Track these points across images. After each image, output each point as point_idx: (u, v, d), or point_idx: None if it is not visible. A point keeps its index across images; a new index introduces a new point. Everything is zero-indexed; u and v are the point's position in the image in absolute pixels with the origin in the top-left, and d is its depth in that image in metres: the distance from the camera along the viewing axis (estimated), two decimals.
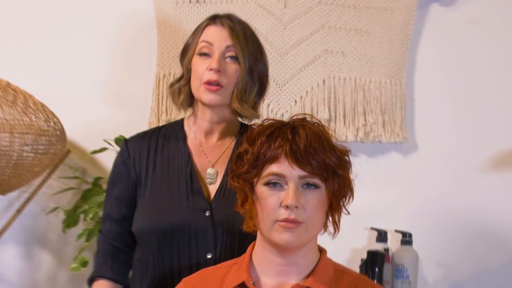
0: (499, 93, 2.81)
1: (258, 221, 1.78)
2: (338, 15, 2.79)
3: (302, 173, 1.73)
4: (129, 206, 2.13)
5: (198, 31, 2.14)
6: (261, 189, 1.76)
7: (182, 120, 2.21)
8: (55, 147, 2.54)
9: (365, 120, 2.76)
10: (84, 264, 2.62)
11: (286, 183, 1.73)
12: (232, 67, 2.10)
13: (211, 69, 2.07)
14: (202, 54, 2.11)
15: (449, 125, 2.81)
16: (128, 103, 2.81)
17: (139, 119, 2.76)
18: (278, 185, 1.74)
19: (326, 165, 1.74)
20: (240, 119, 2.20)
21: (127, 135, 2.60)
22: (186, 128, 2.17)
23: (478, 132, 2.80)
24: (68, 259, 2.76)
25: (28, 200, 2.71)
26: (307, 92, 2.76)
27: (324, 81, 2.76)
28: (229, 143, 2.15)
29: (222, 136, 2.15)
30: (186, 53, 2.15)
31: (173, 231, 2.03)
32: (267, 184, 1.75)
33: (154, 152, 2.15)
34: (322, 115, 2.74)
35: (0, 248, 2.77)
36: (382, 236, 2.64)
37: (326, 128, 1.82)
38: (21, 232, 2.78)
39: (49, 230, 2.80)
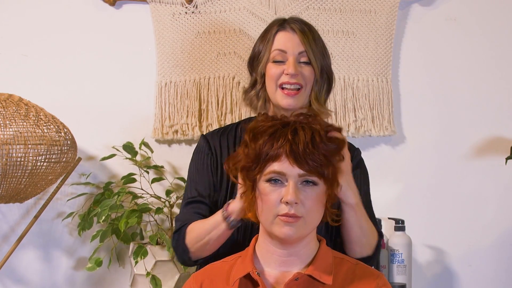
0: (478, 84, 2.85)
1: (260, 214, 1.84)
2: (325, 18, 2.80)
3: (301, 171, 1.79)
4: (212, 191, 2.14)
5: (269, 38, 2.16)
6: (263, 185, 1.82)
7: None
8: (66, 155, 2.57)
9: (355, 116, 2.80)
10: (99, 263, 2.65)
11: (287, 180, 1.80)
12: (307, 70, 2.14)
13: (287, 74, 2.11)
14: (276, 62, 2.14)
15: (434, 117, 2.84)
16: (133, 112, 2.83)
17: (144, 126, 2.80)
18: (279, 181, 1.80)
19: (322, 163, 1.80)
20: None
21: (134, 141, 2.70)
22: None
23: (461, 122, 2.84)
24: (84, 259, 2.80)
25: (44, 206, 2.72)
26: None
27: None
28: None
29: None
30: (258, 60, 2.17)
31: None
32: (269, 180, 1.81)
33: (233, 147, 2.17)
34: None
35: (20, 252, 2.78)
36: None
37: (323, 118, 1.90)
38: (39, 236, 2.80)
39: (65, 233, 2.82)
